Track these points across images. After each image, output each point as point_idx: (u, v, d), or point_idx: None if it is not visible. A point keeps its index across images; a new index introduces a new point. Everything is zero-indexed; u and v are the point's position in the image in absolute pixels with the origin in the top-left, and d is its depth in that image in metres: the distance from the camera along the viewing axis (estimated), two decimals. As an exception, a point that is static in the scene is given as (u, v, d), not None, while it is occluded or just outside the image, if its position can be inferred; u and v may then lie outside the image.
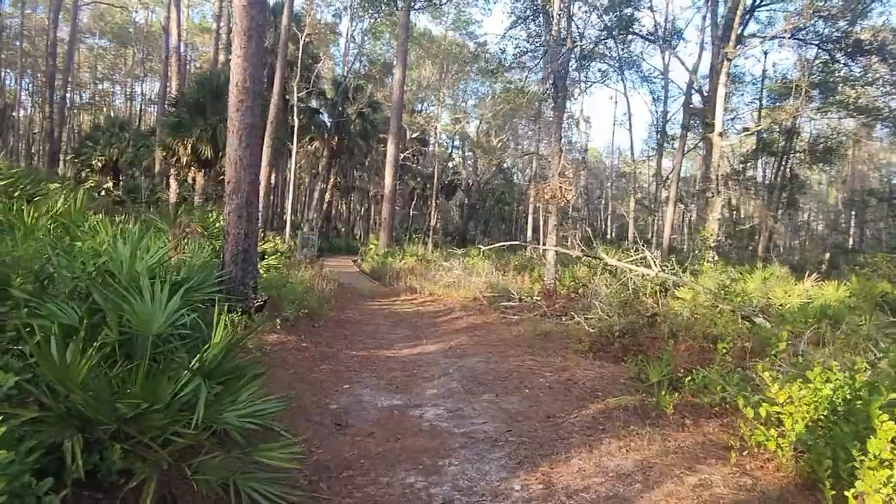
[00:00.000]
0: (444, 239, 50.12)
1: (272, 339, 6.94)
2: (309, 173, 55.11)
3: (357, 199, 62.53)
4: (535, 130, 43.98)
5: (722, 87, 14.06)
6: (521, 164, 62.13)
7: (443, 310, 13.84)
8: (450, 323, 11.35)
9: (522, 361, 7.29)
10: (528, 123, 49.12)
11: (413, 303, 15.69)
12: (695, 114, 27.92)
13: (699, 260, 14.44)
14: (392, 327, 10.90)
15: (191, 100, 21.52)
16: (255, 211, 7.71)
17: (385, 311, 13.54)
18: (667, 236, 28.48)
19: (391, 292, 18.45)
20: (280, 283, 9.68)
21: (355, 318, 11.76)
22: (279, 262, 14.28)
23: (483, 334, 9.51)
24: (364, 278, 22.56)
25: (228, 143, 7.59)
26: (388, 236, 26.69)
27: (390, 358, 7.58)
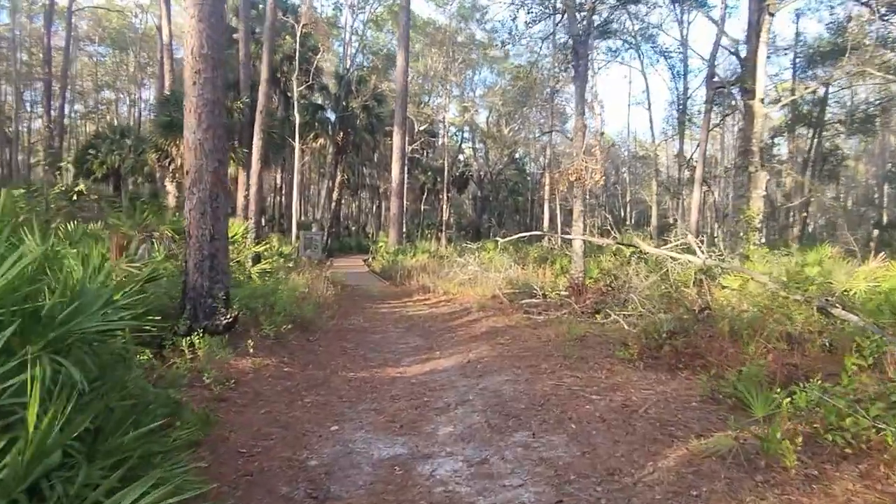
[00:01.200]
0: (457, 233, 48.67)
1: (244, 366, 5.54)
2: (317, 172, 53.91)
3: (368, 196, 61.25)
4: (547, 116, 42.31)
5: (763, 47, 12.43)
6: (534, 153, 60.49)
7: (459, 311, 12.40)
8: (467, 327, 9.90)
9: (559, 378, 5.82)
10: (539, 111, 47.40)
11: (426, 304, 14.27)
12: (720, 87, 26.15)
13: (744, 243, 12.84)
14: (401, 335, 9.48)
15: (181, 97, 20.19)
16: (223, 207, 6.30)
17: (395, 314, 12.13)
18: (694, 219, 26.77)
19: (402, 293, 17.04)
20: (267, 292, 8.30)
21: (360, 325, 10.35)
22: (275, 266, 12.92)
23: (506, 341, 8.05)
24: (374, 278, 21.18)
25: (185, 125, 6.19)
26: (398, 233, 25.28)
27: (396, 379, 6.15)
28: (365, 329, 9.93)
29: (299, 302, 9.47)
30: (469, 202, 61.10)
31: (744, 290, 10.94)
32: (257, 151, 13.35)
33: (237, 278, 9.51)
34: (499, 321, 10.02)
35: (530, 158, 60.71)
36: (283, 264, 16.21)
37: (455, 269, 16.94)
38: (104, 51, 52.94)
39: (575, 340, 7.72)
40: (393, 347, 8.19)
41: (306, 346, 7.43)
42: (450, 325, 10.43)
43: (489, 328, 9.35)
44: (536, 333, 8.52)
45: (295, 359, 6.43)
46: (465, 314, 11.61)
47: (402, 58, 24.44)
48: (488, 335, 8.70)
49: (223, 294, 6.19)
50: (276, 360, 6.04)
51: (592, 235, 25.81)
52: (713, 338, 7.72)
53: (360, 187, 56.25)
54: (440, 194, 47.67)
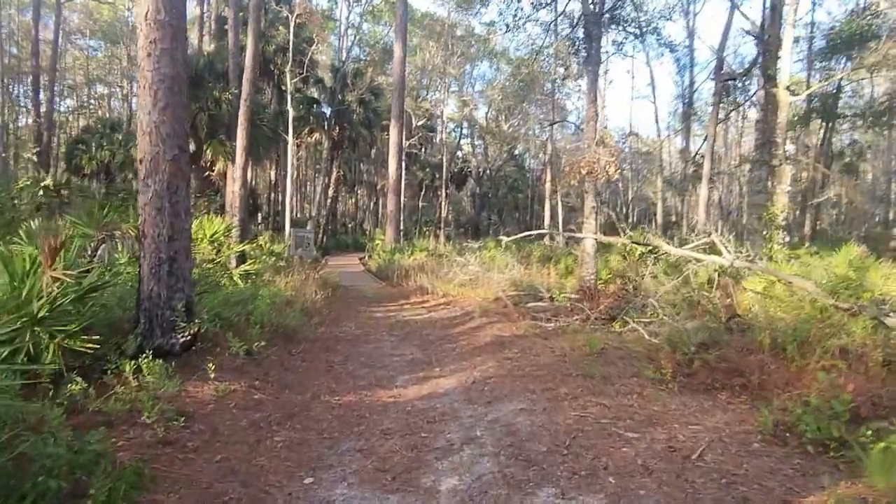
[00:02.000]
0: (456, 231, 47.76)
1: (204, 394, 4.58)
2: (313, 168, 52.86)
3: (365, 193, 60.28)
4: (547, 111, 41.36)
5: (790, 29, 11.48)
6: (534, 150, 59.65)
7: (459, 315, 11.46)
8: (470, 336, 8.95)
9: (584, 407, 4.88)
10: (539, 106, 46.48)
11: (424, 307, 13.32)
12: (729, 79, 25.20)
13: (767, 242, 11.92)
14: (397, 345, 8.53)
15: (167, 87, 19.18)
16: (184, 201, 5.33)
17: (390, 319, 11.17)
18: (701, 217, 25.86)
19: (399, 294, 16.09)
20: (245, 298, 7.34)
21: (351, 333, 9.39)
22: (262, 267, 11.96)
23: (516, 355, 7.10)
24: (369, 278, 20.21)
25: (140, 104, 5.22)
26: (396, 230, 24.30)
27: (389, 406, 5.19)
28: (356, 338, 8.97)
29: (283, 308, 8.50)
30: (468, 199, 60.16)
31: (769, 294, 10.02)
32: (242, 143, 12.37)
33: (217, 282, 8.57)
34: (504, 329, 9.07)
35: (530, 155, 59.81)
36: (272, 264, 15.27)
37: (455, 269, 15.99)
38: (96, 44, 51.82)
39: (594, 355, 6.77)
40: (386, 361, 7.24)
41: (286, 363, 6.46)
42: (450, 333, 9.47)
43: (494, 337, 8.40)
44: (549, 345, 7.57)
45: (270, 381, 5.46)
46: (466, 320, 10.67)
47: (400, 48, 23.43)
48: (494, 347, 7.75)
49: (184, 304, 5.22)
50: (246, 383, 5.07)
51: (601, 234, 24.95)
52: (750, 351, 6.81)
53: (357, 184, 55.28)
54: (438, 191, 46.72)
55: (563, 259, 18.58)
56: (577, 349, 7.14)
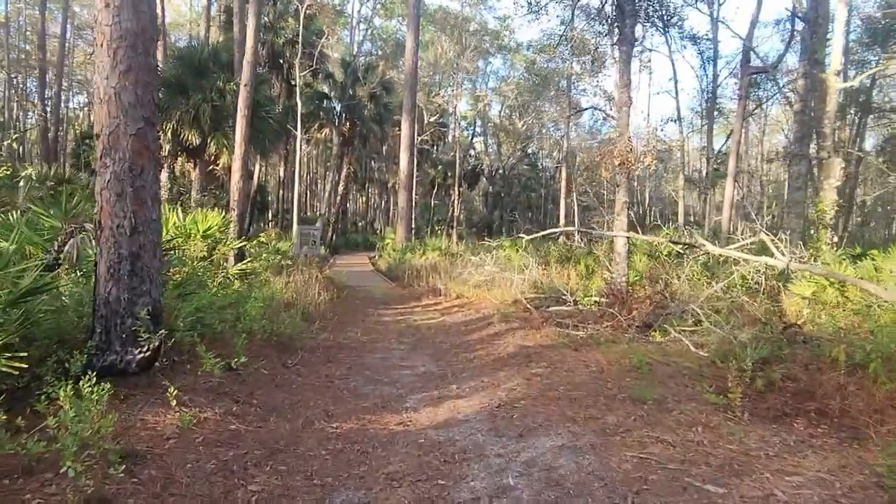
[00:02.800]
0: (468, 230, 46.79)
1: (165, 426, 3.64)
2: (323, 165, 52.06)
3: (376, 191, 59.48)
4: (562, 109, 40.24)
5: (843, 7, 10.41)
6: (548, 148, 58.60)
7: (476, 320, 10.49)
8: (489, 344, 7.98)
9: (641, 444, 3.89)
10: (553, 103, 45.37)
11: (437, 309, 12.37)
12: (759, 71, 24.03)
13: (814, 242, 10.85)
14: (407, 355, 7.58)
15: (170, 78, 18.40)
16: (151, 186, 4.39)
17: (400, 324, 10.22)
18: (726, 216, 24.70)
19: (410, 295, 15.15)
20: (233, 302, 6.42)
21: (356, 340, 8.44)
22: (263, 265, 11.05)
23: (545, 370, 6.11)
24: (379, 278, 19.28)
25: (96, 67, 4.29)
26: (407, 228, 23.35)
27: (397, 437, 4.23)
28: (362, 346, 8.02)
29: (279, 312, 7.57)
30: (480, 198, 59.15)
31: (819, 299, 8.98)
32: (241, 132, 11.46)
33: (204, 282, 7.64)
34: (528, 337, 8.09)
35: (543, 154, 58.71)
36: (275, 263, 14.38)
37: (470, 270, 15.03)
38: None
39: (638, 371, 5.77)
40: (395, 375, 6.28)
41: (278, 377, 5.52)
42: (467, 340, 8.51)
43: (518, 347, 7.41)
44: (581, 358, 6.57)
45: (254, 403, 4.50)
46: (484, 325, 9.69)
47: (412, 39, 22.46)
48: (519, 359, 6.77)
49: (149, 310, 4.29)
50: (222, 409, 4.11)
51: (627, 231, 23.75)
52: (819, 368, 5.79)
53: (369, 181, 54.48)
54: (451, 189, 45.77)
55: (582, 260, 17.55)
56: (616, 363, 6.15)
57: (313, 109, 34.41)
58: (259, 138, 19.46)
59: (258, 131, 19.42)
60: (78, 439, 2.79)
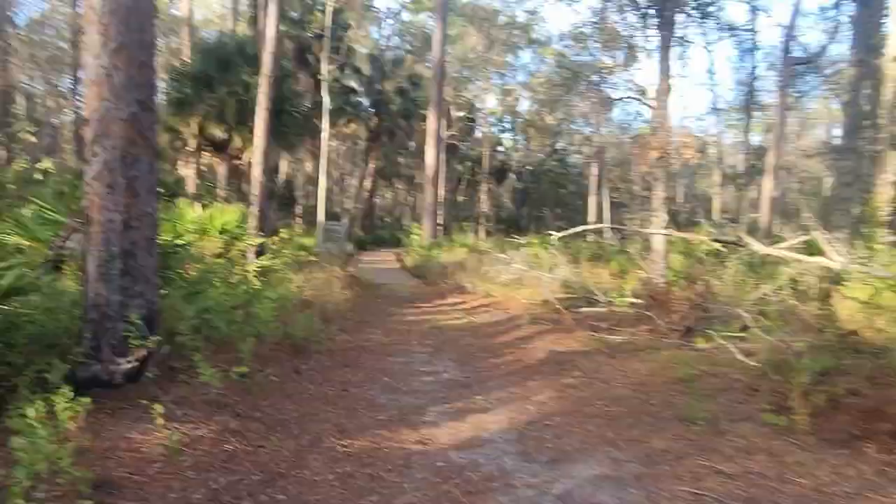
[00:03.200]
0: (495, 226, 46.18)
1: (151, 446, 3.24)
2: (352, 161, 51.91)
3: (404, 186, 59.18)
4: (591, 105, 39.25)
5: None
6: (578, 144, 57.56)
7: (503, 321, 10.00)
8: (518, 349, 7.48)
9: (695, 476, 3.36)
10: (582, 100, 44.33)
11: (463, 309, 11.89)
12: (804, 61, 22.97)
13: (866, 241, 10.06)
14: (429, 358, 7.12)
15: (196, 72, 18.28)
16: (147, 177, 3.99)
17: (424, 324, 9.77)
18: (765, 213, 23.69)
19: (435, 293, 14.69)
20: (241, 302, 6.03)
21: (377, 342, 8.02)
22: (283, 261, 10.69)
23: (579, 381, 5.60)
24: (404, 276, 18.87)
25: (85, 45, 3.90)
26: (433, 225, 22.91)
27: (413, 459, 3.77)
28: (383, 348, 7.59)
29: (295, 313, 7.17)
30: (508, 194, 58.46)
31: (875, 303, 8.25)
32: (262, 124, 11.13)
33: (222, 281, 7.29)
34: (560, 341, 7.57)
35: (572, 150, 57.71)
36: (297, 259, 14.07)
37: (497, 267, 14.51)
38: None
39: (684, 384, 5.22)
40: (416, 383, 5.83)
41: (288, 386, 5.11)
42: (494, 343, 8.02)
43: (549, 353, 6.89)
44: (619, 367, 6.03)
45: (255, 417, 4.08)
46: (512, 327, 9.19)
47: (440, 29, 21.98)
48: (550, 366, 6.26)
49: (144, 313, 3.90)
50: (219, 425, 3.69)
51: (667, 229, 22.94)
52: (887, 382, 5.17)
53: (396, 177, 54.18)
54: (478, 185, 45.26)
55: (615, 258, 16.87)
56: (659, 374, 5.60)
57: (341, 104, 34.15)
58: (284, 133, 19.21)
59: (283, 126, 19.17)
60: (31, 469, 2.38)
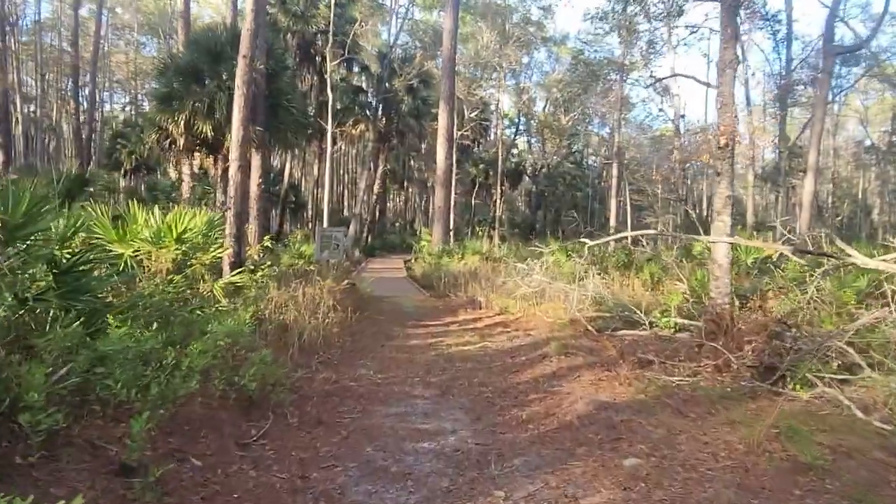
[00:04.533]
0: (510, 231, 44.40)
1: None
2: (361, 164, 50.40)
3: (416, 190, 57.62)
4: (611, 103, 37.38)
5: None
6: (594, 145, 55.75)
7: (525, 347, 8.25)
8: (548, 393, 5.72)
9: None
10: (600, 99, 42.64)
11: (476, 329, 10.17)
12: (844, 52, 21.02)
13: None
14: (433, 408, 5.40)
15: (184, 64, 16.71)
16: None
17: (429, 351, 8.05)
18: (806, 216, 21.71)
19: (445, 308, 12.99)
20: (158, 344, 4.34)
21: (367, 380, 6.30)
22: (265, 275, 9.03)
23: (648, 461, 3.84)
24: (411, 287, 17.16)
25: None
26: (444, 230, 21.21)
27: None
28: (373, 392, 5.88)
29: (259, 345, 5.47)
30: (523, 198, 56.73)
31: None
32: (239, 113, 9.47)
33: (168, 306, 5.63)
34: (603, 384, 5.80)
35: (588, 152, 55.90)
36: (285, 271, 12.45)
37: (515, 278, 12.77)
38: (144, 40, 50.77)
39: (810, 471, 3.45)
40: (410, 458, 4.11)
41: (211, 478, 3.40)
42: (516, 383, 6.27)
43: (592, 404, 5.11)
44: (699, 433, 4.25)
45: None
46: (537, 357, 7.44)
47: (451, 19, 20.32)
48: (598, 430, 4.49)
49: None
50: None
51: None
52: None
53: (408, 181, 52.61)
54: (492, 189, 43.53)
55: (646, 267, 15.05)
56: (762, 449, 3.83)
57: (348, 104, 32.62)
58: (280, 129, 17.66)
59: (279, 122, 17.62)
60: None
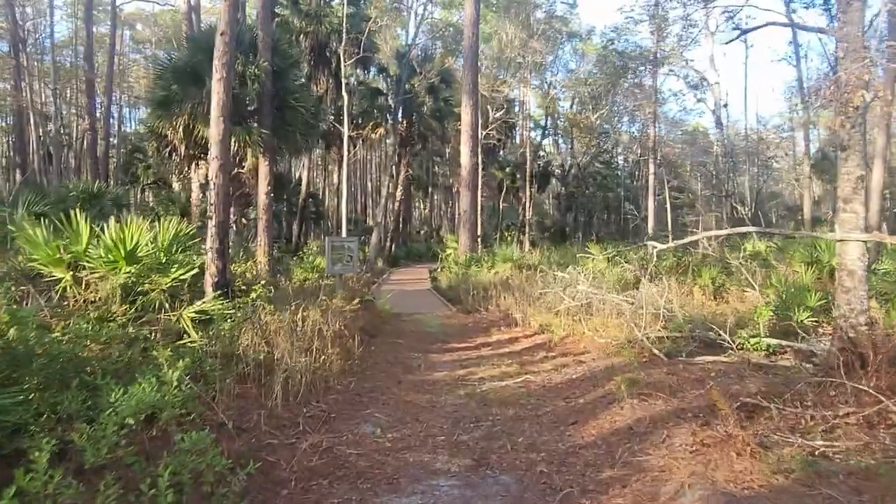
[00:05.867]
0: (540, 235, 42.43)
1: None
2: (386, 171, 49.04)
3: (441, 196, 56.05)
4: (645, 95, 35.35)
5: None
6: (623, 144, 53.53)
7: (580, 381, 6.45)
8: (626, 463, 3.93)
9: None
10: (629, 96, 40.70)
11: (514, 355, 8.39)
12: (917, 20, 18.65)
13: None
14: (463, 492, 3.66)
15: (182, 65, 15.32)
16: None
17: (457, 391, 6.29)
18: (874, 208, 19.36)
19: (475, 327, 11.24)
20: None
21: (371, 444, 4.57)
22: (257, 296, 7.38)
23: None
24: (436, 300, 15.41)
25: None
26: (471, 236, 19.44)
27: None
28: (379, 466, 4.15)
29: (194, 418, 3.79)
30: (551, 201, 54.70)
31: None
32: (217, 102, 7.89)
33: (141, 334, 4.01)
34: (710, 453, 3.95)
35: (617, 150, 53.67)
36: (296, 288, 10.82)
37: (556, 288, 10.95)
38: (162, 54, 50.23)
39: None
40: None
41: None
42: (578, 446, 4.48)
43: (711, 500, 3.31)
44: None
45: None
46: (598, 399, 5.63)
47: (472, 5, 18.60)
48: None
49: None
50: None
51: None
52: None
53: (433, 187, 51.06)
54: (519, 192, 41.66)
55: (704, 272, 13.01)
56: None
57: (366, 108, 31.16)
58: (287, 132, 16.10)
59: (287, 124, 16.07)
60: None
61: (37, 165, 34.91)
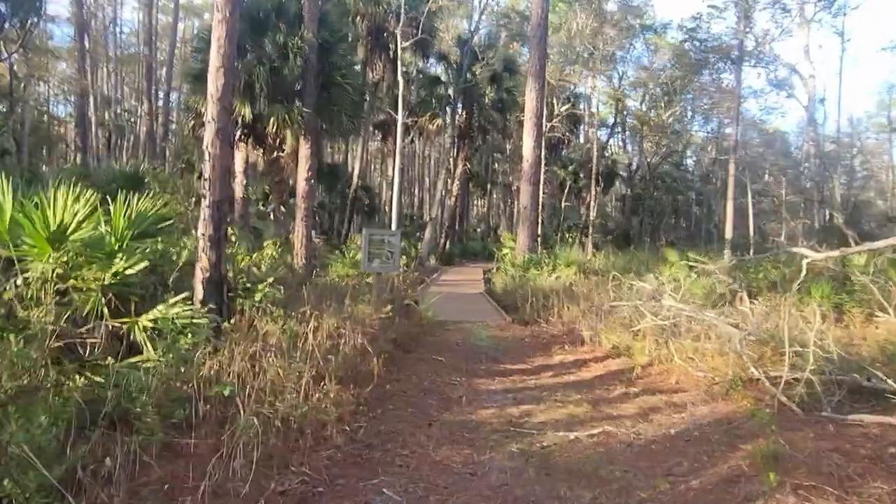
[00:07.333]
0: (602, 238, 39.91)
1: None
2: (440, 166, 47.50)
3: (500, 194, 54.09)
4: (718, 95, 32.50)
5: None
6: (699, 143, 50.22)
7: (684, 442, 4.52)
8: None
9: None
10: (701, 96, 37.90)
11: (583, 387, 6.49)
12: None
13: None
14: None
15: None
16: None
17: (507, 443, 4.45)
18: None
19: (533, 342, 9.36)
20: None
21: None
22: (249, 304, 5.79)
23: None
24: (488, 306, 13.52)
25: None
26: (531, 235, 17.47)
27: None
28: None
29: None
30: (615, 203, 51.93)
31: None
32: (218, 51, 6.33)
33: None
34: None
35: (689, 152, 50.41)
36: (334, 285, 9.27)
37: (635, 302, 8.90)
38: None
39: None
40: None
41: None
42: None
43: None
44: None
45: None
46: (719, 478, 3.71)
47: (542, -23, 16.65)
48: None
49: None
50: None
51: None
52: None
53: (492, 184, 49.15)
54: (582, 192, 39.27)
55: (814, 289, 10.57)
56: None
57: (424, 97, 29.55)
58: (333, 112, 14.62)
59: (332, 104, 14.59)
60: None
61: (97, 149, 34.92)
